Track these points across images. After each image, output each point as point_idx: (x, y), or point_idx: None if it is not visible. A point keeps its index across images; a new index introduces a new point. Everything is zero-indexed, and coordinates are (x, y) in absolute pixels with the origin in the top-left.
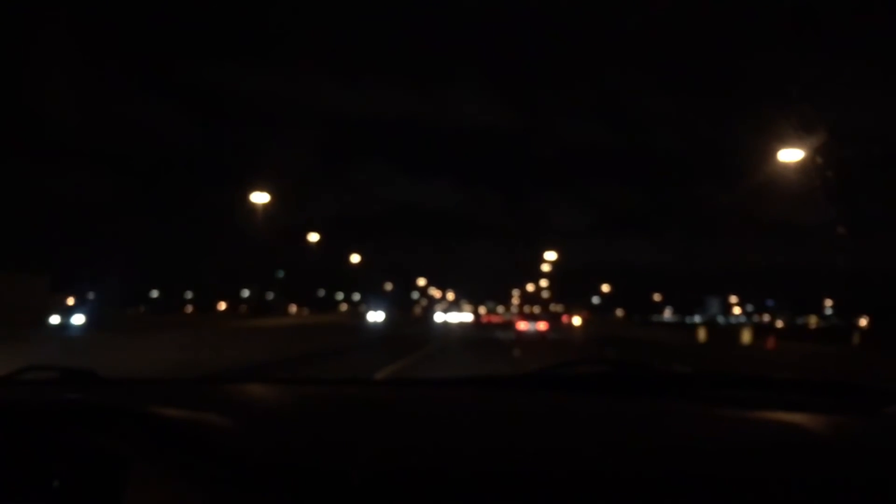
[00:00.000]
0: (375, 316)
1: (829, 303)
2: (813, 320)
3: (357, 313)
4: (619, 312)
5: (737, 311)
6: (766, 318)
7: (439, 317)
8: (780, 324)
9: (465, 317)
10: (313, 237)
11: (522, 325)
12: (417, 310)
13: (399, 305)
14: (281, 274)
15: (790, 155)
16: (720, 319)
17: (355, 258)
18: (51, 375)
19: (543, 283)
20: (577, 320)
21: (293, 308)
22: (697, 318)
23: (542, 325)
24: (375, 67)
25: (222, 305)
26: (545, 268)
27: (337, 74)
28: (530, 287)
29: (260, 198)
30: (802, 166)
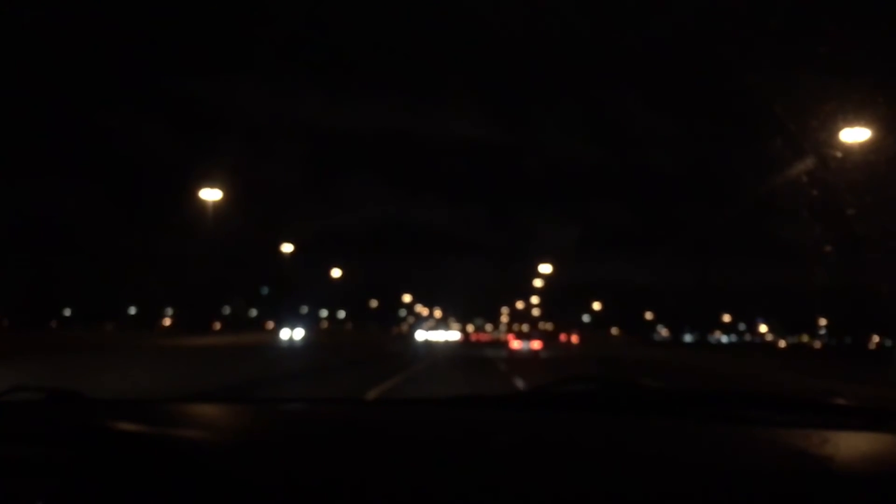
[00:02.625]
0: (294, 334)
1: (822, 321)
2: (805, 339)
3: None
4: (615, 331)
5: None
6: (771, 337)
7: (421, 335)
8: (782, 343)
9: (452, 335)
10: (287, 248)
11: (516, 344)
12: (405, 327)
13: (382, 322)
14: (265, 290)
15: (855, 135)
16: (711, 340)
17: (336, 273)
18: (37, 396)
19: (535, 299)
20: (575, 339)
21: (270, 324)
22: (688, 337)
23: (535, 344)
24: (362, 82)
25: (167, 321)
26: (538, 283)
27: (322, 88)
28: (520, 305)
29: (211, 194)
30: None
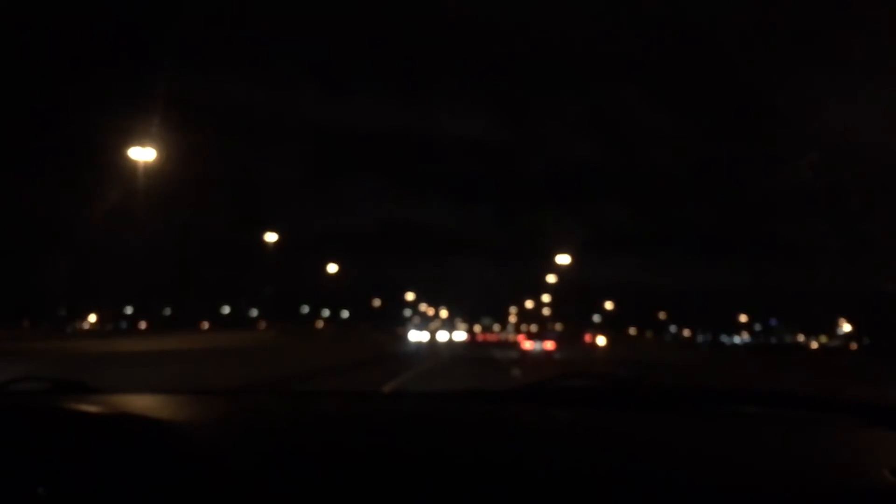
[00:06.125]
0: None
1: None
2: (824, 340)
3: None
4: (633, 331)
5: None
6: (801, 338)
7: (415, 335)
8: (815, 345)
9: (458, 335)
10: (271, 237)
11: (527, 345)
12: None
13: (380, 322)
14: (269, 291)
15: None
16: (724, 340)
17: (332, 268)
18: (43, 386)
19: (546, 297)
20: (601, 340)
21: (262, 324)
22: (701, 338)
23: (549, 345)
24: (364, 81)
25: (90, 318)
26: (551, 279)
27: (323, 87)
28: (529, 304)
29: (143, 153)
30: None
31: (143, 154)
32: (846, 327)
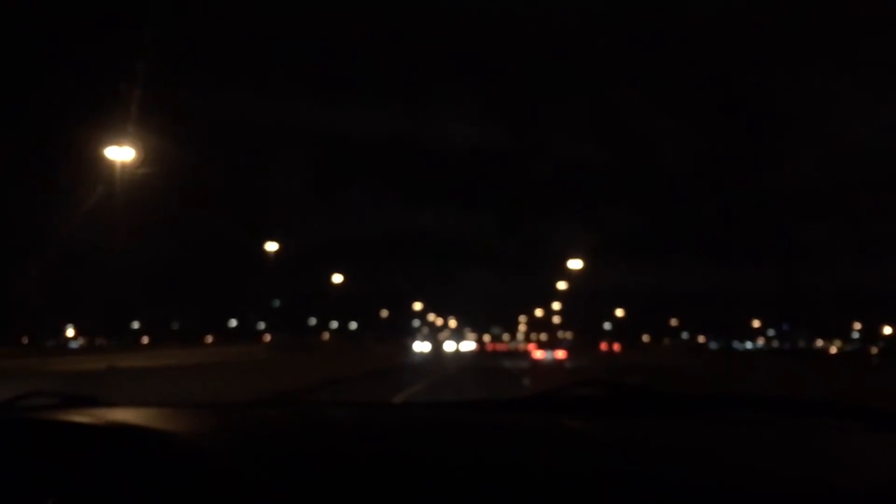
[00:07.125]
0: None
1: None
2: (838, 344)
3: None
4: (646, 338)
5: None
6: (820, 343)
7: (419, 346)
8: (833, 349)
9: (467, 345)
10: (272, 246)
11: (538, 354)
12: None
13: (378, 332)
14: (277, 303)
15: None
16: (736, 345)
17: (338, 278)
18: (52, 401)
19: (556, 305)
20: (617, 347)
21: (267, 337)
22: (714, 345)
23: (560, 354)
24: (368, 90)
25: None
26: (562, 285)
27: (326, 96)
28: (539, 312)
29: (118, 152)
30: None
31: (120, 153)
32: (886, 330)
